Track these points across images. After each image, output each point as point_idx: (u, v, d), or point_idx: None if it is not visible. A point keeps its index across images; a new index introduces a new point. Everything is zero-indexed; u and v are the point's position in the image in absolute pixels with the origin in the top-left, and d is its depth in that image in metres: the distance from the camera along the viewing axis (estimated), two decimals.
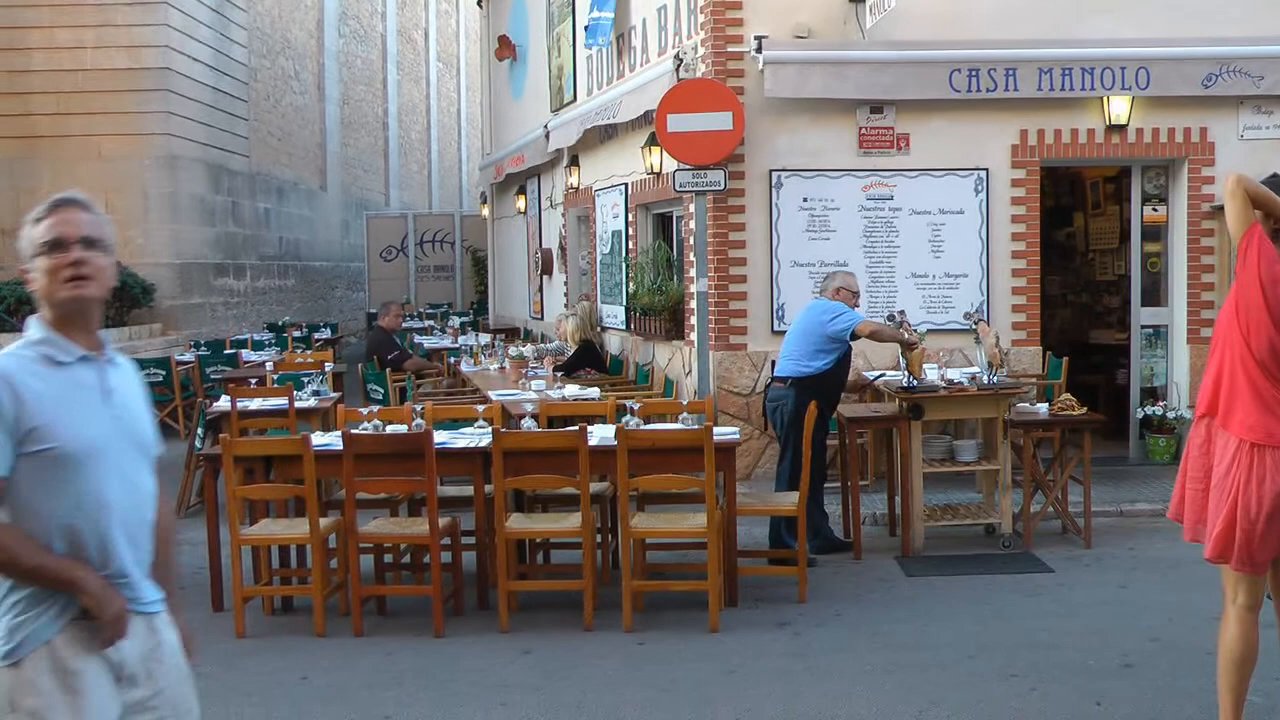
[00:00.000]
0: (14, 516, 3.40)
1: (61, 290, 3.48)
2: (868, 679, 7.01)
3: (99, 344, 3.59)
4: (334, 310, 30.79)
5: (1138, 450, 12.81)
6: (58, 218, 3.52)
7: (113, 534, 3.48)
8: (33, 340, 3.52)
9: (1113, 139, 12.33)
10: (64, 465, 3.41)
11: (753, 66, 12.13)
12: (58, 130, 20.55)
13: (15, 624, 3.38)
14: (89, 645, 3.41)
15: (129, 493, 3.55)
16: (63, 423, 3.42)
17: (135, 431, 3.63)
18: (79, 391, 3.51)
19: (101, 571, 3.44)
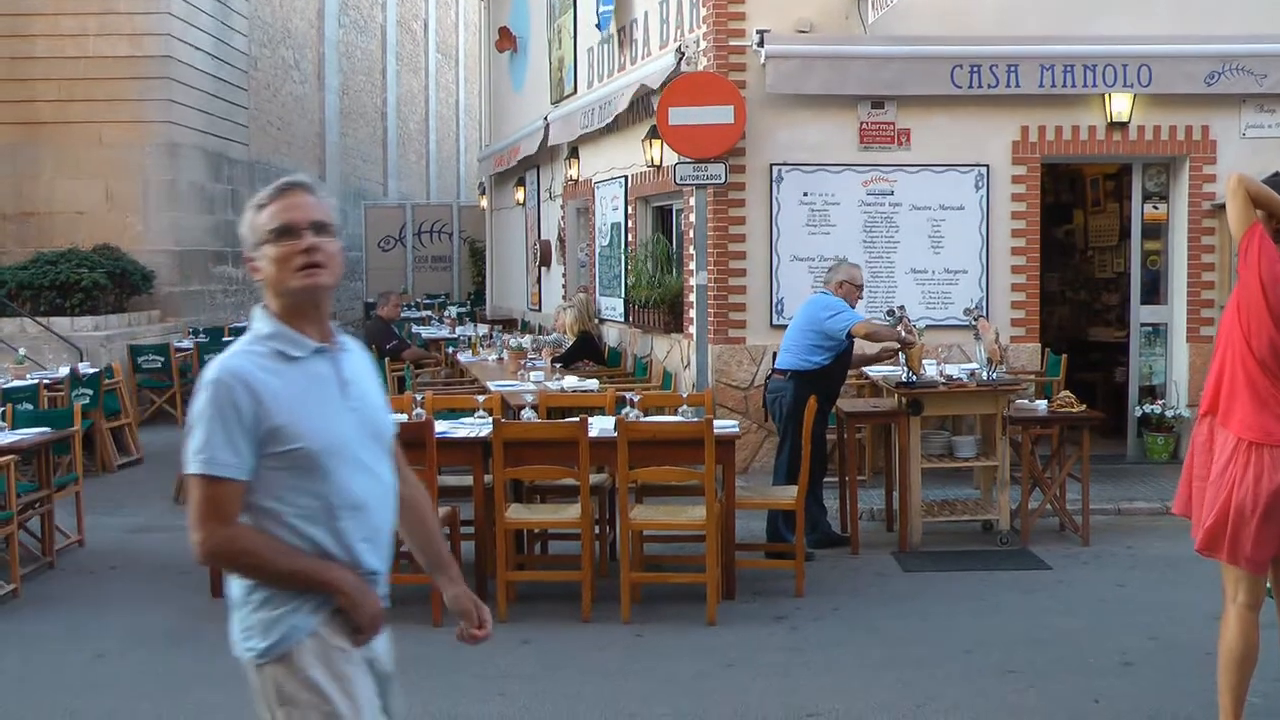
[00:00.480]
0: (256, 520, 3.30)
1: (294, 279, 3.33)
2: (865, 674, 7.02)
3: (330, 333, 3.45)
4: (331, 299, 30.75)
5: (1136, 448, 12.83)
6: (286, 202, 3.37)
7: (360, 531, 3.37)
8: (262, 335, 3.36)
9: (1114, 136, 12.34)
10: (308, 464, 3.29)
11: (754, 60, 12.13)
12: (60, 117, 20.51)
13: (272, 618, 3.30)
14: (346, 638, 3.34)
15: (373, 487, 3.43)
16: (305, 421, 3.29)
17: (374, 422, 3.49)
18: (317, 386, 3.37)
19: (354, 571, 3.35)
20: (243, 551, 3.27)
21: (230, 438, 3.22)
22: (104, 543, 10.40)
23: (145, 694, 6.89)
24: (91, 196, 20.58)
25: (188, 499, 3.27)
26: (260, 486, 3.28)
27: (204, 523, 3.24)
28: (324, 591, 3.30)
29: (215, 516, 3.24)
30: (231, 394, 3.23)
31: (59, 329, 17.43)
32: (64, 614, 8.49)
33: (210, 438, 3.22)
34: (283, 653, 3.29)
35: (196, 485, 3.24)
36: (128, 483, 13.10)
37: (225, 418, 3.22)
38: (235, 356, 3.31)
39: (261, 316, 3.38)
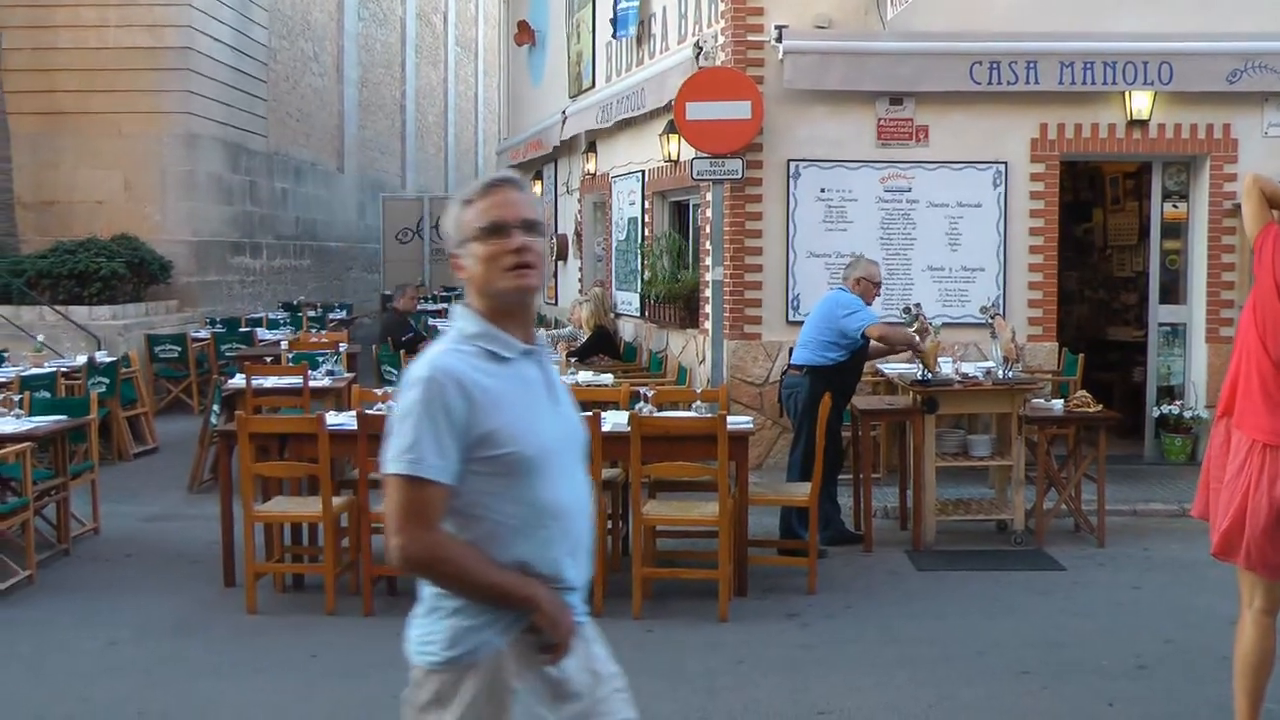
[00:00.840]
0: (458, 527, 3.13)
1: (502, 280, 3.18)
2: (877, 672, 7.00)
3: (533, 336, 3.31)
4: (349, 291, 30.78)
5: (1153, 449, 12.77)
6: (496, 199, 3.22)
7: (562, 542, 3.22)
8: (469, 334, 3.21)
9: (1134, 134, 12.28)
10: (519, 471, 3.13)
11: (773, 56, 12.10)
12: (80, 107, 20.58)
13: (461, 629, 3.14)
14: (531, 661, 3.16)
15: (576, 496, 3.27)
16: (518, 425, 3.14)
17: (575, 429, 3.36)
18: (527, 389, 3.22)
19: (552, 585, 3.18)
20: (445, 560, 3.10)
21: (439, 439, 3.07)
22: (119, 531, 10.42)
23: (156, 682, 6.90)
24: (111, 186, 20.65)
25: (387, 500, 3.12)
26: (464, 492, 3.12)
27: (406, 527, 3.09)
28: (520, 608, 3.13)
29: (418, 521, 3.08)
30: (444, 393, 3.08)
31: (77, 318, 17.50)
32: (78, 601, 8.50)
33: (419, 438, 3.07)
34: (457, 666, 3.14)
35: (400, 487, 3.09)
36: (144, 471, 13.13)
37: (435, 418, 3.07)
38: (446, 355, 3.16)
39: (466, 315, 3.24)
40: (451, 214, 3.28)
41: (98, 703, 6.58)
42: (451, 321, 3.28)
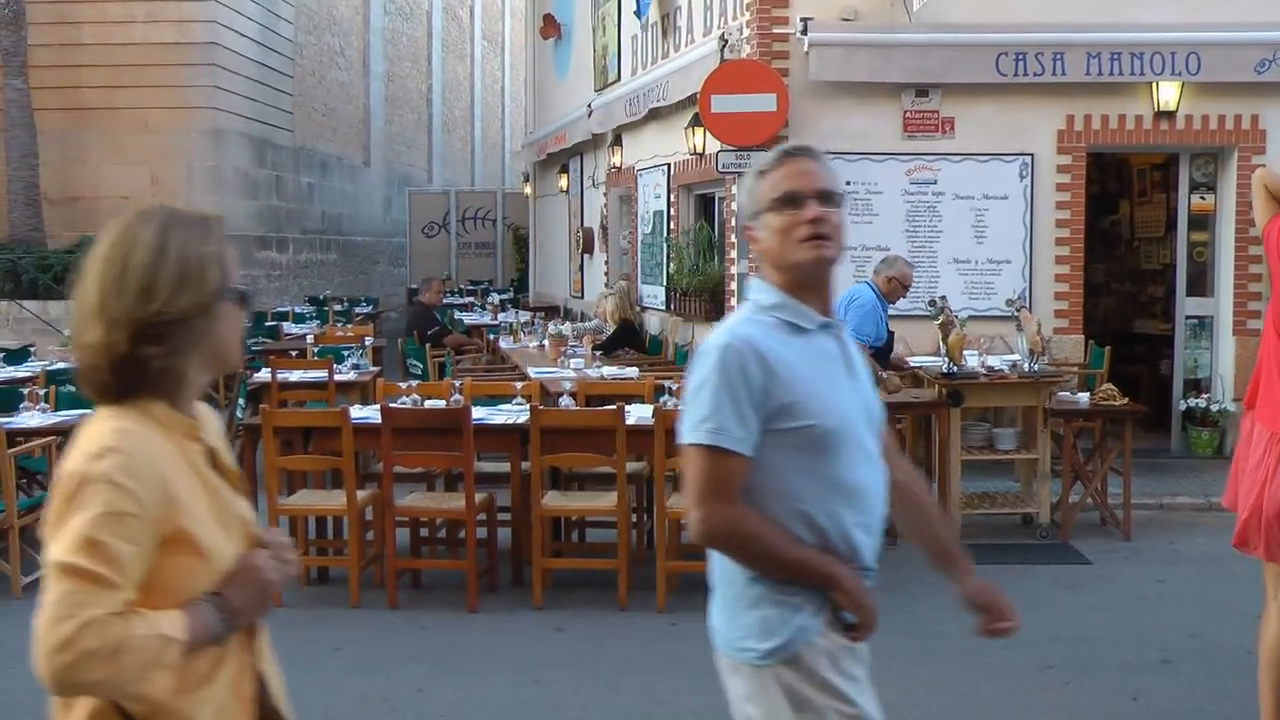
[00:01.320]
0: (752, 500, 3.04)
1: (798, 252, 3.10)
2: (901, 667, 6.97)
3: (831, 310, 3.21)
4: (375, 285, 30.87)
5: (1180, 443, 12.69)
6: (791, 168, 3.15)
7: (857, 520, 3.12)
8: (766, 305, 3.14)
9: (1161, 125, 12.19)
10: (817, 445, 3.04)
11: (798, 48, 12.06)
12: (106, 103, 20.68)
13: (773, 617, 3.06)
14: (836, 642, 3.10)
15: (872, 473, 3.18)
16: (816, 397, 3.04)
17: (872, 404, 3.25)
18: (826, 362, 3.13)
19: (848, 564, 3.09)
20: (749, 535, 3.03)
21: (739, 409, 2.99)
22: None
23: None
24: (137, 181, 20.74)
25: (686, 472, 3.08)
26: (761, 465, 3.04)
27: (707, 499, 3.03)
28: (822, 585, 3.05)
29: (720, 494, 3.02)
30: (743, 362, 3.01)
31: None
32: None
33: (719, 407, 3.00)
34: (791, 655, 3.04)
35: (701, 458, 3.02)
36: None
37: (735, 387, 2.99)
38: (743, 324, 3.11)
39: (762, 287, 3.18)
40: (745, 185, 3.23)
41: None
42: (747, 293, 3.22)
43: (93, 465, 2.31)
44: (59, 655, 2.22)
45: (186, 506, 2.41)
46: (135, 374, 2.42)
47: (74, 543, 2.26)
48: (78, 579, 2.25)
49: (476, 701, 6.43)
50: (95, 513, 2.27)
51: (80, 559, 2.25)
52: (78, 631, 2.22)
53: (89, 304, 2.42)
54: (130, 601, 2.29)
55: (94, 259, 2.46)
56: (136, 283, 2.41)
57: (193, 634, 2.37)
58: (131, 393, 2.43)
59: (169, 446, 2.44)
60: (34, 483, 9.63)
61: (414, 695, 6.49)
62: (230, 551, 2.50)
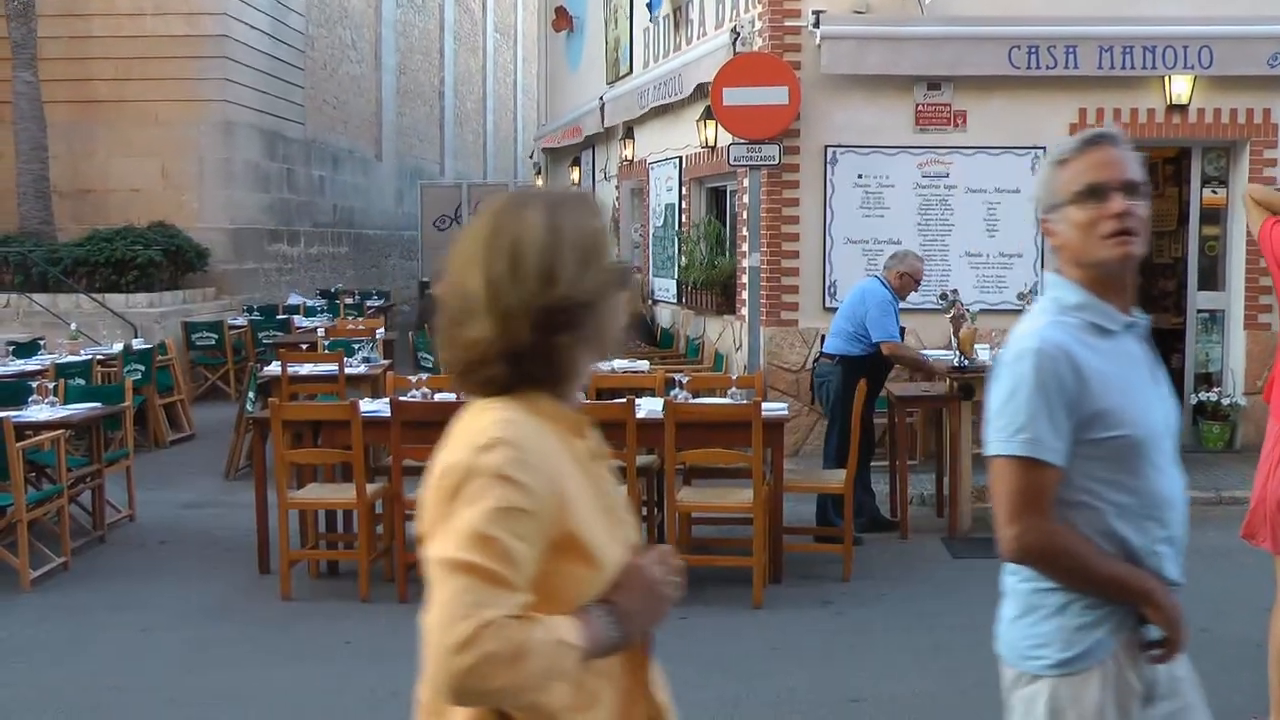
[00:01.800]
0: (1062, 515, 2.91)
1: (1102, 249, 2.92)
2: (911, 659, 6.96)
3: (1132, 308, 3.03)
4: (386, 278, 30.84)
5: (1191, 437, 12.63)
6: (1095, 158, 2.95)
7: (1163, 535, 2.98)
8: (1069, 305, 2.98)
9: (1173, 119, 12.15)
10: (1127, 455, 2.89)
11: (810, 41, 12.03)
12: (116, 95, 20.65)
13: (1075, 628, 2.92)
14: (1136, 662, 2.95)
15: (1175, 486, 3.03)
16: (1128, 405, 2.90)
17: (1171, 411, 3.08)
18: (1133, 367, 2.98)
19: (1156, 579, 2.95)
20: (1063, 551, 2.89)
21: (1053, 418, 2.86)
22: (154, 518, 10.46)
23: (190, 669, 6.92)
24: (147, 174, 20.72)
25: (996, 485, 2.90)
26: (1071, 477, 2.90)
27: (1021, 515, 2.88)
28: (1136, 603, 2.92)
29: (1034, 508, 2.88)
30: (1056, 367, 2.87)
31: (114, 305, 17.57)
32: (113, 588, 8.55)
33: (1034, 415, 2.86)
34: (1077, 670, 2.91)
35: (1014, 470, 2.88)
36: (179, 459, 13.19)
37: (1049, 394, 2.86)
38: (1050, 327, 2.94)
39: (1063, 285, 3.02)
40: (1042, 175, 3.07)
41: (130, 690, 6.61)
42: (1046, 290, 3.10)
43: (481, 458, 2.16)
44: (458, 657, 2.05)
45: (576, 508, 2.25)
46: (533, 365, 2.27)
47: (465, 538, 2.11)
48: (473, 575, 2.09)
49: None
50: (487, 507, 2.12)
51: (474, 555, 2.10)
52: (477, 632, 2.06)
53: (473, 297, 2.26)
54: (527, 604, 2.13)
55: (469, 250, 2.29)
56: (535, 268, 2.24)
57: (590, 643, 2.20)
58: (522, 385, 2.29)
59: (556, 442, 2.29)
60: (43, 476, 9.63)
61: None
62: (618, 557, 2.33)
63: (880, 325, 9.44)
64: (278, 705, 6.33)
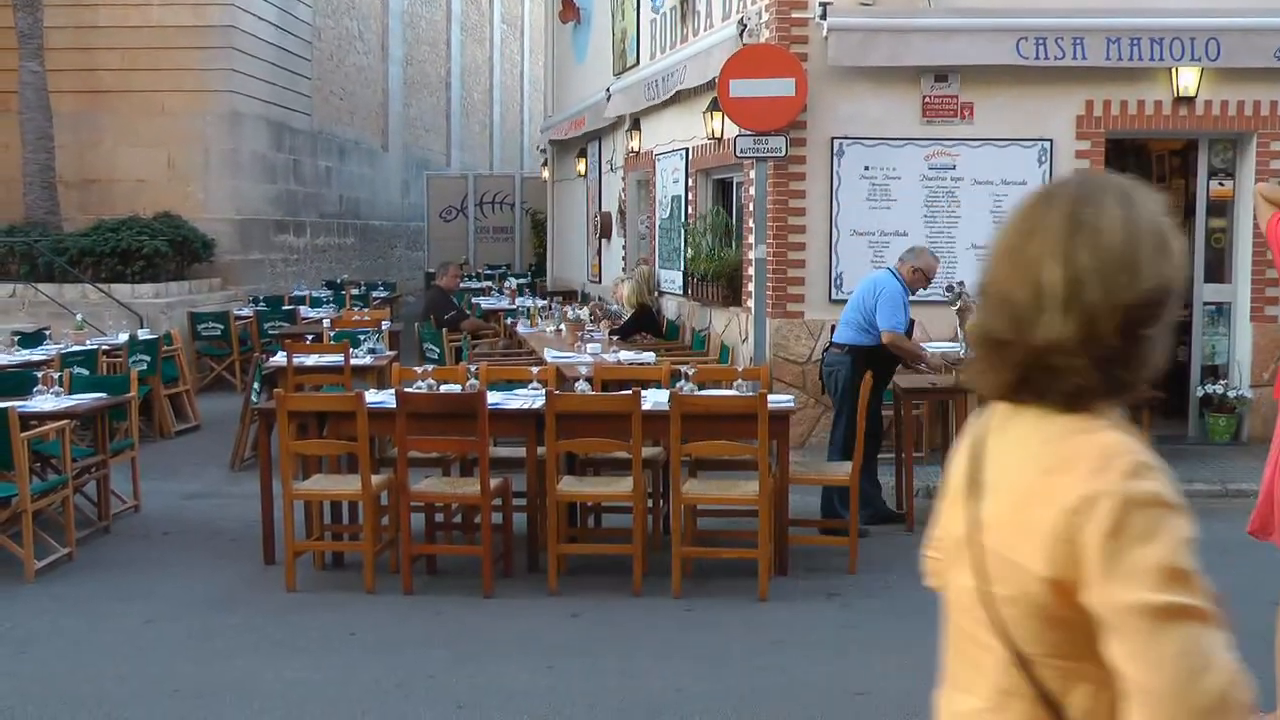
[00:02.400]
0: None
1: None
2: (916, 653, 6.92)
3: None
4: (393, 269, 30.86)
5: (1197, 429, 12.63)
6: None
7: None
8: None
9: (1180, 111, 12.12)
10: None
11: (817, 33, 12.00)
12: (122, 85, 20.64)
13: None
14: None
15: None
16: None
17: None
18: None
19: None
20: None
21: None
22: (160, 508, 10.47)
23: (194, 659, 6.92)
24: (153, 165, 20.72)
25: None
26: None
27: None
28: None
29: None
30: None
31: (120, 296, 17.56)
32: (118, 578, 8.55)
33: None
34: None
35: None
36: (185, 449, 13.19)
37: None
38: None
39: None
40: None
41: (134, 679, 6.61)
42: None
43: (1135, 486, 1.95)
44: (1214, 717, 1.88)
45: None
46: (1120, 370, 2.07)
47: (1164, 579, 1.91)
48: (1193, 620, 1.91)
49: (491, 687, 6.41)
50: (1173, 540, 1.93)
51: (1185, 597, 1.91)
52: (1228, 684, 1.91)
53: (1048, 293, 2.06)
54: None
55: (1040, 243, 2.10)
56: (1121, 261, 2.05)
57: None
58: (1109, 395, 2.09)
59: None
60: (48, 466, 9.63)
61: (428, 681, 6.48)
62: None
63: (887, 315, 9.41)
64: (282, 696, 6.32)
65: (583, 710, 6.11)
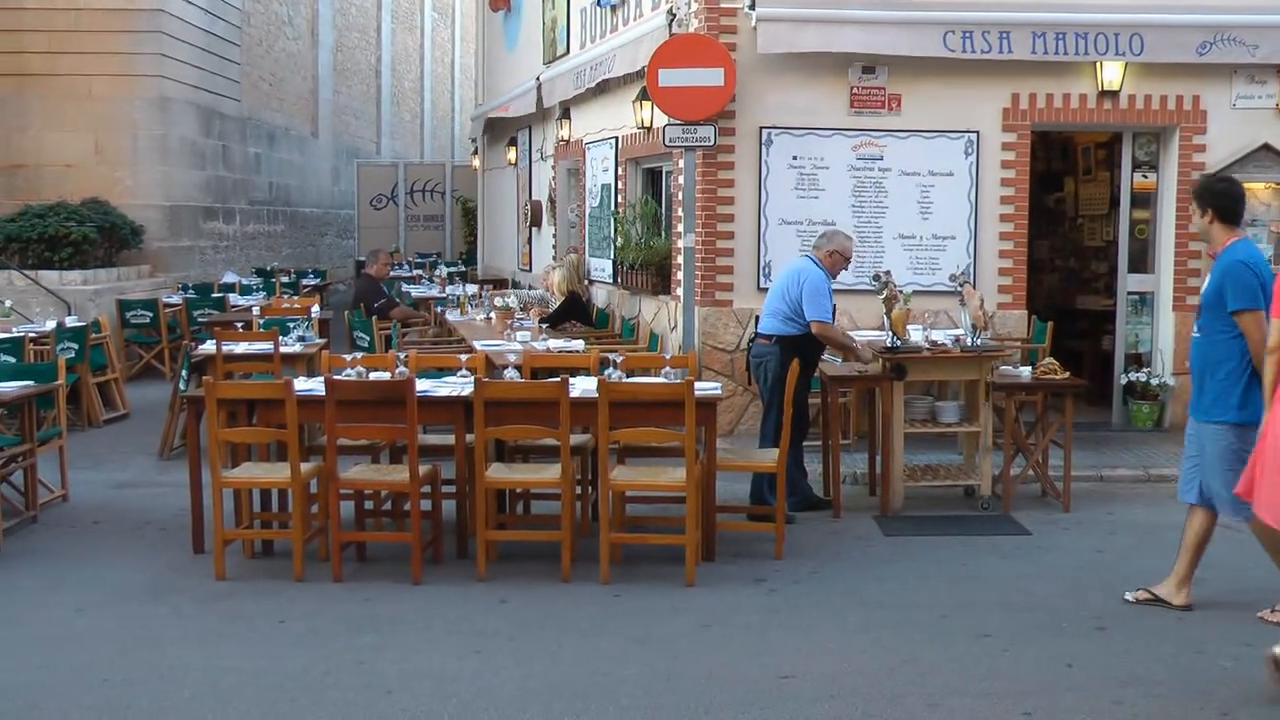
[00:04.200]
0: None
1: None
2: (842, 636, 7.05)
3: None
4: (323, 257, 30.72)
5: (1121, 416, 12.85)
6: None
7: None
8: None
9: (1105, 105, 12.31)
10: None
11: (745, 22, 12.07)
12: (49, 69, 20.42)
13: None
14: None
15: None
16: None
17: None
18: None
19: None
20: None
21: None
22: (88, 498, 10.40)
23: (123, 649, 6.90)
24: (80, 149, 20.51)
25: None
26: None
27: None
28: None
29: None
30: None
31: (47, 282, 17.41)
32: (45, 568, 8.50)
33: None
34: None
35: None
36: (113, 438, 13.10)
37: None
38: None
39: None
40: None
41: (63, 669, 6.58)
42: None
43: None
44: None
45: None
46: None
47: None
48: None
49: (420, 673, 6.44)
50: None
51: None
52: None
53: None
54: None
55: None
56: None
57: None
58: None
59: None
60: None
61: (356, 667, 6.50)
62: None
63: (814, 306, 9.50)
64: (213, 684, 6.32)
65: (511, 694, 6.16)
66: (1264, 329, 6.71)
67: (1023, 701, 6.04)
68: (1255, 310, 6.88)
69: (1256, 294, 6.90)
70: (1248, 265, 6.99)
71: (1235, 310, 6.95)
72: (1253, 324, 6.87)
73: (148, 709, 6.02)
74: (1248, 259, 7.04)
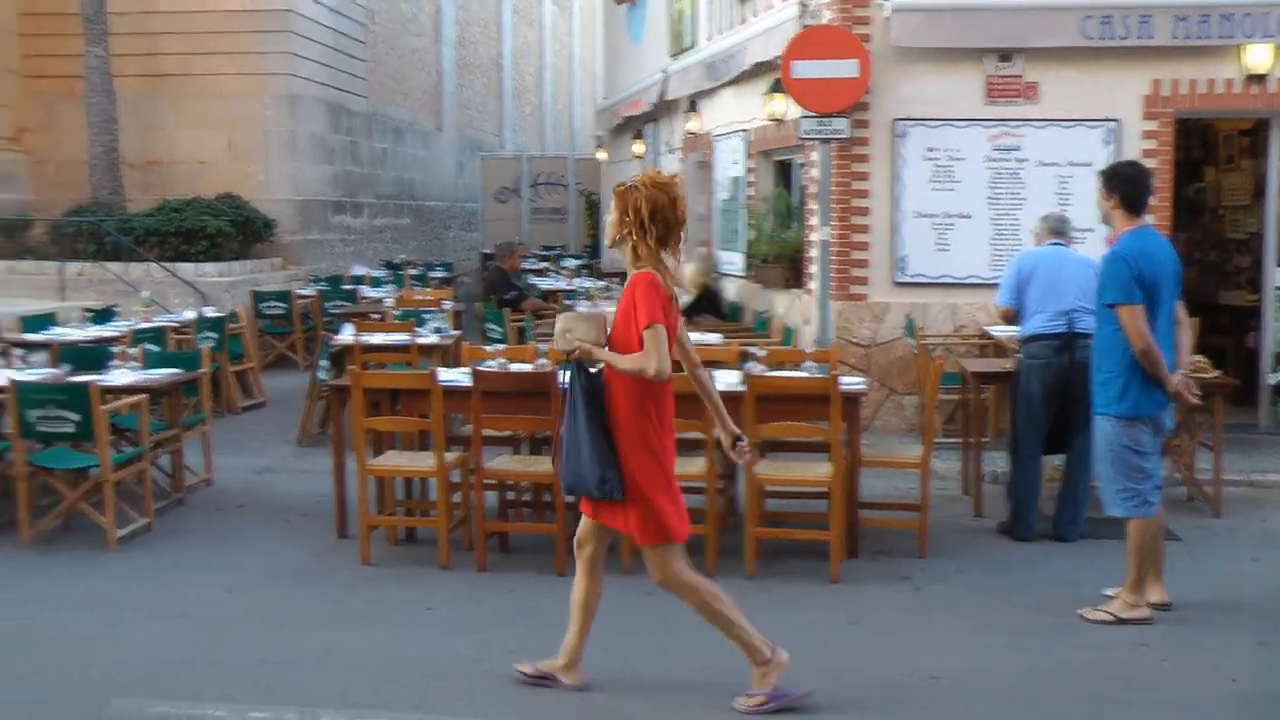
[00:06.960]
0: None
1: None
2: (988, 637, 6.95)
3: None
4: (448, 250, 30.99)
5: (1268, 418, 12.44)
6: None
7: None
8: None
9: (1251, 89, 11.97)
10: None
11: (879, 14, 11.95)
12: (183, 69, 20.88)
13: None
14: None
15: None
16: None
17: None
18: None
19: None
20: None
21: None
22: (231, 482, 10.58)
23: (276, 629, 7.00)
24: (214, 147, 20.92)
25: None
26: None
27: None
28: None
29: None
30: None
31: (184, 274, 17.75)
32: (195, 549, 8.66)
33: None
34: None
35: None
36: (251, 425, 13.31)
37: None
38: None
39: None
40: None
41: (219, 648, 6.68)
42: None
43: None
44: None
45: None
46: None
47: None
48: None
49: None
50: None
51: None
52: None
53: None
54: None
55: None
56: None
57: None
58: None
59: None
60: (123, 439, 9.73)
61: (508, 656, 6.51)
62: None
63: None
64: (367, 668, 6.38)
65: (660, 686, 6.15)
66: (1138, 322, 6.83)
67: (1183, 714, 5.90)
68: (1130, 304, 6.89)
69: (1130, 287, 6.90)
70: (1124, 259, 6.97)
71: (1108, 304, 6.98)
72: (1127, 317, 6.90)
73: (303, 690, 6.08)
74: (1126, 252, 7.00)
